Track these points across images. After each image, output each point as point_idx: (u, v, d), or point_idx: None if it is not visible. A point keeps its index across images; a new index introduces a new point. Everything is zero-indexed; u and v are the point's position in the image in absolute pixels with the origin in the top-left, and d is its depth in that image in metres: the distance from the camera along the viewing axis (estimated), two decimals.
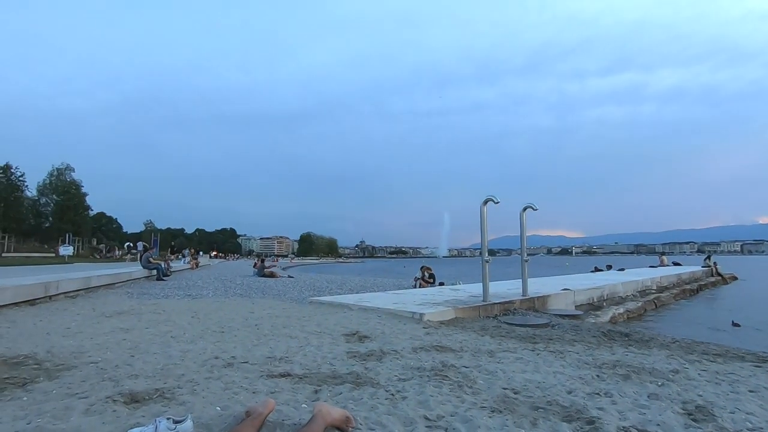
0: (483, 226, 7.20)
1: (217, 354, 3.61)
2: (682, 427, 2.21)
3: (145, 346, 3.91)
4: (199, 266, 26.93)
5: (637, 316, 9.76)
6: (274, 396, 2.55)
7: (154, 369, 3.12)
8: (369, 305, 6.73)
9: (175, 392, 2.58)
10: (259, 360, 3.43)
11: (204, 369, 3.14)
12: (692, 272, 19.07)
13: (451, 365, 3.34)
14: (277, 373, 3.03)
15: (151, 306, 7.17)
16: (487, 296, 7.09)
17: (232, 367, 3.22)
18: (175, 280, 14.39)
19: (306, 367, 3.22)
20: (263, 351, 3.75)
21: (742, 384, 3.20)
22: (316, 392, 2.65)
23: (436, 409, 2.34)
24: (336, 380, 2.90)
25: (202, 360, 3.41)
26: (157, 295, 9.28)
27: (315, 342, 4.20)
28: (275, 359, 3.44)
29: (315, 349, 3.89)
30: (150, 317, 5.84)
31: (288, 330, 4.86)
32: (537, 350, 4.18)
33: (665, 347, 4.81)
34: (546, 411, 2.38)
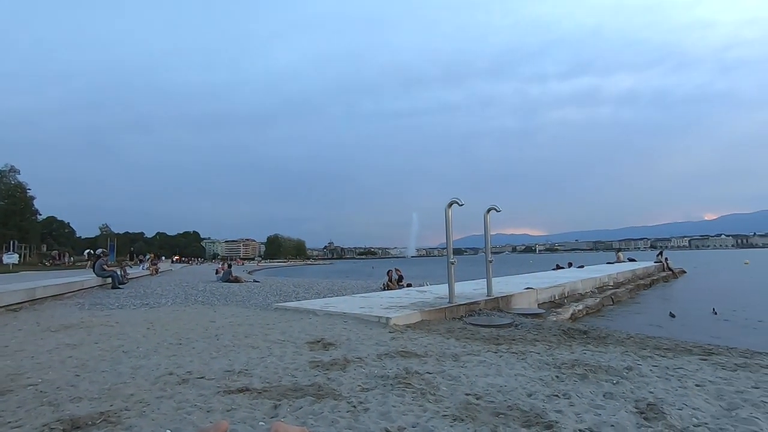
0: (448, 228, 7.27)
1: (171, 369, 3.44)
2: (634, 426, 2.28)
3: (93, 364, 3.68)
4: (159, 272, 25.84)
5: (595, 312, 10.14)
6: (230, 414, 2.44)
7: (100, 389, 2.93)
8: (335, 310, 6.64)
9: (122, 415, 2.42)
10: (216, 374, 3.29)
11: (156, 387, 2.98)
12: (645, 268, 20.08)
13: (415, 372, 3.33)
14: (235, 389, 2.91)
15: (103, 318, 6.78)
16: (452, 298, 7.16)
17: (187, 383, 3.07)
18: (132, 288, 13.72)
19: (266, 380, 3.12)
20: (222, 364, 3.60)
21: (690, 378, 3.36)
22: (275, 407, 2.56)
23: (398, 421, 2.31)
24: (297, 393, 2.82)
25: (155, 377, 3.24)
26: (110, 306, 8.80)
27: (278, 352, 4.09)
28: (234, 373, 3.31)
29: (277, 359, 3.78)
30: (101, 330, 5.52)
31: (250, 340, 4.71)
32: (500, 352, 4.24)
33: (621, 344, 5.00)
34: (506, 417, 2.39)
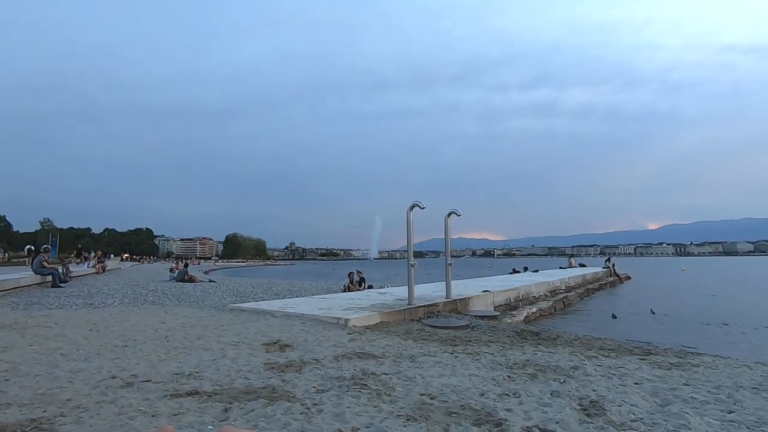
0: (409, 230, 7.34)
1: (114, 373, 3.25)
2: (577, 423, 2.39)
3: (25, 368, 3.41)
4: (106, 270, 24.41)
5: (548, 314, 10.57)
6: (177, 418, 2.34)
7: (33, 395, 2.72)
8: (293, 311, 6.53)
9: (56, 422, 2.26)
10: (164, 377, 3.14)
11: (96, 391, 2.81)
12: (595, 273, 21.18)
13: (371, 373, 3.33)
14: (184, 392, 2.79)
15: (40, 318, 6.31)
16: (412, 300, 7.23)
17: (131, 387, 2.91)
18: (75, 287, 12.87)
19: (218, 383, 3.01)
20: (170, 366, 3.45)
21: (629, 377, 3.57)
22: (226, 411, 2.48)
23: (352, 422, 2.30)
24: (249, 396, 2.74)
25: (96, 380, 3.05)
26: (49, 305, 8.21)
27: (231, 354, 3.96)
28: (183, 375, 3.18)
29: (230, 361, 3.67)
30: (37, 332, 5.13)
31: (202, 341, 4.54)
32: (456, 353, 4.33)
33: (569, 344, 5.24)
34: (459, 416, 2.44)
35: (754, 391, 3.25)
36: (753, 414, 2.66)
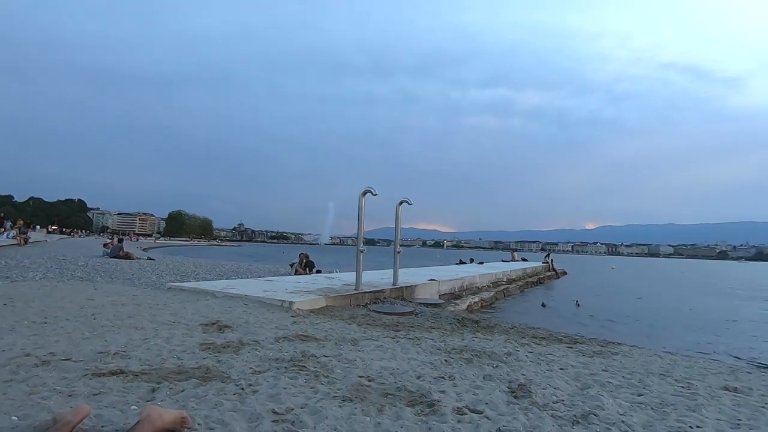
0: (360, 216, 7.33)
1: (29, 350, 2.99)
2: (505, 404, 2.52)
3: None
4: (29, 242, 22.38)
5: (489, 304, 11.04)
6: (98, 398, 2.20)
7: None
8: (236, 292, 6.34)
9: None
10: (86, 356, 2.94)
11: (6, 370, 2.57)
12: (534, 267, 22.38)
13: (311, 355, 3.31)
14: (108, 371, 2.62)
15: None
16: (359, 285, 7.26)
17: (47, 366, 2.69)
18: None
19: (146, 363, 2.86)
20: (95, 345, 3.23)
21: (556, 363, 3.82)
22: (153, 391, 2.37)
23: (287, 402, 2.28)
24: (181, 376, 2.63)
25: (7, 358, 2.79)
26: None
27: (165, 333, 3.78)
28: (108, 354, 2.99)
29: (163, 341, 3.50)
30: None
31: (134, 320, 4.29)
32: (397, 338, 4.41)
33: (505, 332, 5.51)
34: (394, 397, 2.50)
35: (661, 377, 3.59)
36: (658, 397, 2.94)
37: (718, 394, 3.14)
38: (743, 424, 2.46)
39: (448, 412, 2.29)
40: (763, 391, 3.36)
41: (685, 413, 2.59)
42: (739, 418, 2.58)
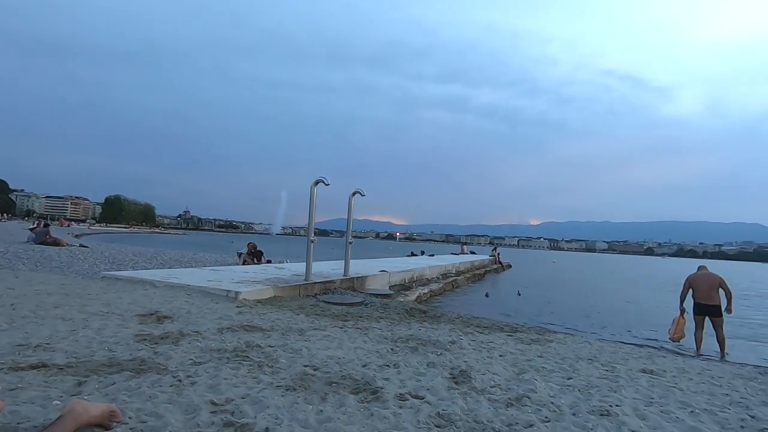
0: (311, 206, 7.23)
1: None
2: (445, 389, 2.62)
3: None
4: None
5: (438, 295, 11.35)
6: (14, 394, 2.03)
7: None
8: (178, 282, 6.06)
9: None
10: (3, 349, 2.69)
11: None
12: (482, 260, 23.27)
13: (256, 345, 3.25)
14: (27, 365, 2.42)
15: None
16: (309, 276, 7.19)
17: None
18: None
19: (73, 356, 2.67)
20: (13, 337, 2.96)
21: (496, 350, 4.01)
22: (79, 384, 2.22)
23: (227, 393, 2.22)
24: (112, 368, 2.48)
25: None
26: None
27: (96, 325, 3.54)
28: (29, 347, 2.76)
29: (93, 333, 3.28)
30: None
31: (60, 311, 3.98)
32: (345, 328, 4.42)
33: (451, 322, 5.70)
34: (338, 385, 2.51)
35: (589, 361, 3.88)
36: (585, 380, 3.17)
37: (637, 376, 3.45)
38: (655, 402, 2.72)
39: (390, 399, 2.34)
40: (675, 373, 3.73)
41: (608, 394, 2.82)
42: (652, 397, 2.85)
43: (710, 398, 2.97)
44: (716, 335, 6.28)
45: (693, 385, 3.35)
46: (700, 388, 3.24)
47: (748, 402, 2.95)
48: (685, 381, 3.45)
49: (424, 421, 2.08)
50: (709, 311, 6.31)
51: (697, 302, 6.40)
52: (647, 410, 2.53)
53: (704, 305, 6.33)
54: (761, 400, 3.03)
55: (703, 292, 6.37)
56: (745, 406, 2.82)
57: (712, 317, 6.29)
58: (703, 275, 6.55)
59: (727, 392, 3.19)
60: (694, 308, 6.42)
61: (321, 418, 2.03)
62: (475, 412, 2.26)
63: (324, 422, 1.97)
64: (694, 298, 6.43)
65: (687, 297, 6.55)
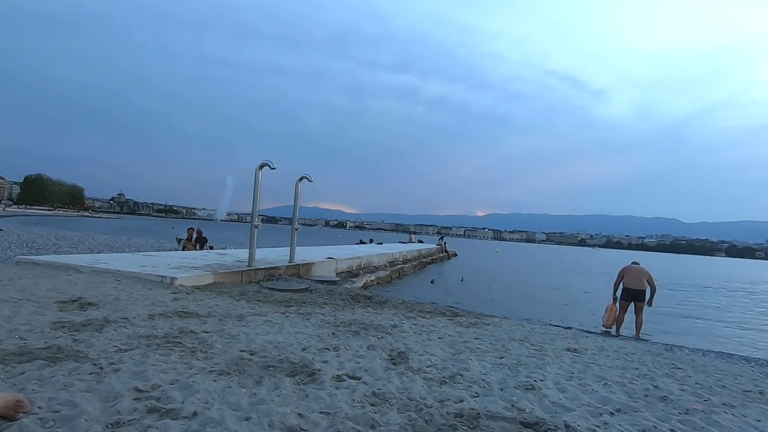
0: (256, 190, 7.00)
1: None
2: (383, 369, 2.67)
3: None
4: None
5: (386, 282, 11.49)
6: None
7: None
8: (107, 267, 5.65)
9: None
10: None
11: None
12: (429, 248, 23.83)
13: (190, 331, 3.11)
14: None
15: None
16: (252, 262, 6.99)
17: None
18: None
19: None
20: None
21: (436, 333, 4.14)
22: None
23: (154, 379, 2.12)
24: (22, 358, 2.28)
25: None
26: None
27: (6, 312, 3.22)
28: None
29: (3, 320, 2.98)
30: None
31: None
32: (288, 313, 4.36)
33: (395, 307, 5.80)
34: (275, 369, 2.48)
35: (521, 342, 4.12)
36: (515, 358, 3.37)
37: (562, 354, 3.72)
38: (575, 376, 2.95)
39: (327, 380, 2.35)
40: (595, 351, 4.07)
41: (534, 370, 3.02)
42: (573, 372, 3.09)
43: (623, 372, 3.27)
44: (636, 318, 6.92)
45: (609, 361, 3.67)
46: (615, 364, 3.56)
47: (654, 374, 3.28)
48: (603, 357, 3.78)
49: (359, 399, 2.12)
50: (636, 296, 6.98)
51: (626, 288, 7.05)
52: (567, 384, 2.74)
53: (633, 290, 6.99)
54: (664, 373, 3.39)
55: (633, 280, 7.04)
56: (650, 378, 3.14)
57: (637, 302, 6.96)
58: (635, 268, 7.23)
59: (637, 366, 3.53)
60: (623, 294, 7.05)
61: (254, 400, 1.99)
62: (410, 390, 2.33)
63: (257, 404, 1.94)
64: (624, 284, 7.07)
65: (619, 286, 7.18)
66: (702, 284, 20.80)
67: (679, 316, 9.86)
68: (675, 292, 15.82)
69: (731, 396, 2.86)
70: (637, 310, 6.93)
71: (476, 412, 2.07)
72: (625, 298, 7.02)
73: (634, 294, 6.97)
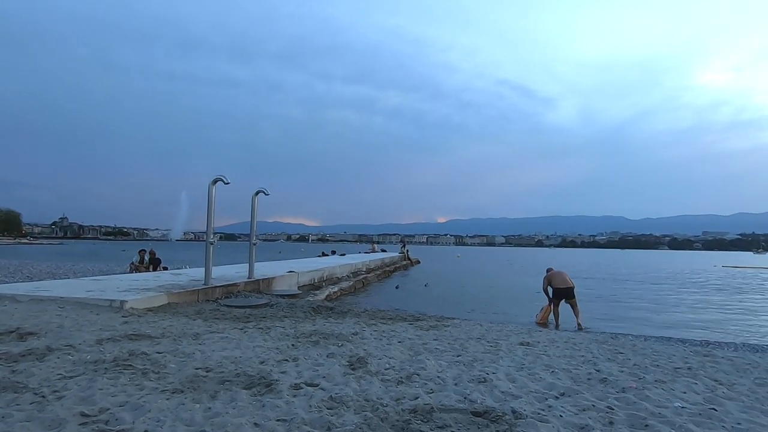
0: (210, 206, 6.86)
1: None
2: (341, 375, 2.71)
3: None
4: None
5: (349, 292, 11.47)
6: None
7: None
8: (48, 294, 5.33)
9: None
10: None
11: None
12: (392, 257, 24.00)
13: (141, 353, 3.02)
14: None
15: None
16: (208, 280, 6.81)
17: None
18: None
19: None
20: None
21: (396, 337, 4.22)
22: None
23: (102, 403, 2.05)
24: None
25: None
26: None
27: None
28: None
29: None
30: None
31: None
32: (246, 329, 4.30)
33: (357, 316, 5.84)
34: (231, 383, 2.46)
35: (477, 340, 4.28)
36: (472, 355, 3.51)
37: (515, 349, 3.90)
38: (525, 368, 3.12)
39: (284, 389, 2.37)
40: (546, 343, 4.29)
41: (488, 365, 3.17)
42: (524, 363, 3.27)
43: (569, 360, 3.49)
44: (573, 310, 7.50)
45: (558, 351, 3.89)
46: (563, 353, 3.78)
47: (597, 360, 3.53)
48: (553, 349, 4.00)
49: (316, 405, 2.15)
50: (566, 294, 7.63)
51: (556, 288, 7.72)
52: (517, 374, 2.90)
53: (562, 289, 7.68)
54: (607, 358, 3.65)
55: (560, 281, 7.75)
56: (593, 363, 3.37)
57: (569, 298, 7.56)
58: (557, 272, 7.98)
59: (583, 354, 3.77)
60: (554, 294, 7.69)
61: (208, 414, 1.98)
62: (367, 392, 2.39)
63: (211, 418, 1.93)
64: (553, 286, 7.71)
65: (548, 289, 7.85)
66: (653, 276, 22.23)
67: (629, 307, 10.52)
68: (628, 284, 16.83)
69: (663, 373, 3.12)
70: (572, 305, 7.52)
71: (430, 406, 2.16)
72: (557, 297, 7.69)
73: (564, 292, 7.70)
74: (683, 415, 2.23)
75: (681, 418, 2.19)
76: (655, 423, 2.11)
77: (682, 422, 2.12)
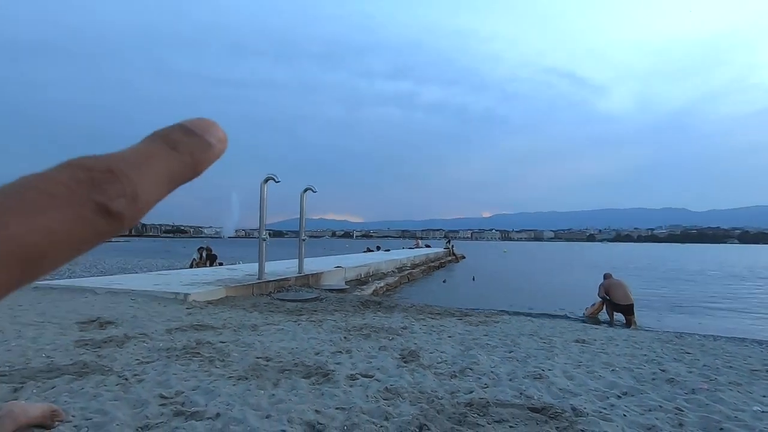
0: (262, 204, 7.15)
1: None
2: (395, 367, 2.76)
3: None
4: None
5: (394, 288, 11.56)
6: None
7: None
8: (122, 287, 5.80)
9: None
10: None
11: None
12: (437, 253, 23.86)
13: (206, 342, 3.23)
14: None
15: None
16: (262, 274, 7.11)
17: None
18: None
19: (7, 364, 2.55)
20: None
21: (446, 332, 4.22)
22: (15, 391, 2.14)
23: (177, 386, 2.22)
24: (51, 374, 2.40)
25: None
26: None
27: (31, 334, 3.36)
28: None
29: (28, 341, 3.11)
30: None
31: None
32: (300, 321, 4.46)
33: (404, 311, 5.88)
34: (291, 372, 2.57)
35: (530, 336, 4.18)
36: (525, 351, 3.44)
37: (570, 346, 3.77)
38: (582, 365, 3.02)
39: (341, 379, 2.45)
40: (604, 341, 4.11)
41: (543, 361, 3.09)
42: (581, 361, 3.16)
43: (631, 359, 3.33)
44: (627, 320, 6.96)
45: (618, 349, 3.72)
46: (623, 351, 3.61)
47: (662, 359, 3.33)
48: (611, 347, 3.83)
49: (373, 395, 2.21)
50: (626, 310, 7.03)
51: (615, 303, 7.10)
52: (575, 371, 2.81)
53: (623, 306, 7.04)
54: (672, 358, 3.44)
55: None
56: (658, 363, 3.19)
57: (627, 315, 7.01)
58: (617, 282, 7.28)
59: (645, 353, 3.58)
60: (614, 306, 7.12)
61: (273, 400, 2.09)
62: (421, 384, 2.41)
63: (276, 404, 2.04)
64: (613, 299, 7.11)
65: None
66: (726, 273, 20.59)
67: (694, 305, 9.82)
68: (695, 282, 15.72)
69: (738, 375, 2.91)
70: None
71: (486, 400, 2.15)
72: (615, 310, 7.08)
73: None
74: (764, 420, 2.07)
75: (762, 422, 2.03)
76: (731, 426, 1.97)
77: (763, 427, 1.97)
